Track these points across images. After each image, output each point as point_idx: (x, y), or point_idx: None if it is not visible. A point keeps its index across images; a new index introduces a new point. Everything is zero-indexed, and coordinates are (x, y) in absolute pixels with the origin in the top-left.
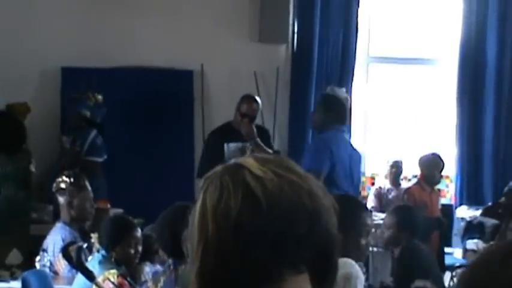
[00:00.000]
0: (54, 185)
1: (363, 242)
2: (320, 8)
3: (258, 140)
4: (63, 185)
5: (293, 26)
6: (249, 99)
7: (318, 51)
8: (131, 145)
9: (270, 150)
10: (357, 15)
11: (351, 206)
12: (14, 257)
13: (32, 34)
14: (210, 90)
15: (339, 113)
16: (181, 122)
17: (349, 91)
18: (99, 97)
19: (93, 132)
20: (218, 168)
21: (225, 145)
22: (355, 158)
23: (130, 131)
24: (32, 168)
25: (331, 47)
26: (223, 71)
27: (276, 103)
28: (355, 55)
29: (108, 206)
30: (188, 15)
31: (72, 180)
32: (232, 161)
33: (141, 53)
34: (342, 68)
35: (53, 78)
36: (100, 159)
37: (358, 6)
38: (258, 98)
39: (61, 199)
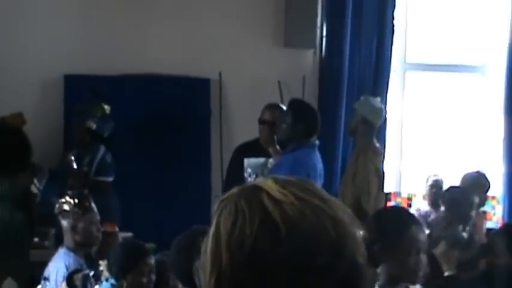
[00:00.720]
0: (57, 206)
1: (412, 260)
2: (352, 9)
3: (278, 147)
4: (66, 207)
5: (321, 29)
6: (270, 106)
7: (349, 57)
8: (140, 162)
9: None
10: (393, 17)
11: (396, 219)
12: (8, 285)
13: (30, 39)
14: (229, 101)
15: (310, 124)
16: (197, 136)
17: (383, 101)
18: (107, 108)
19: (102, 149)
20: (233, 190)
21: (245, 160)
22: (323, 173)
23: (139, 146)
24: (34, 189)
25: (364, 52)
26: (243, 79)
27: None
28: (390, 61)
29: (116, 229)
30: (205, 17)
31: (76, 201)
32: (250, 182)
33: (152, 59)
34: (375, 76)
35: (55, 87)
36: (111, 179)
37: (394, 7)
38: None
39: (64, 222)
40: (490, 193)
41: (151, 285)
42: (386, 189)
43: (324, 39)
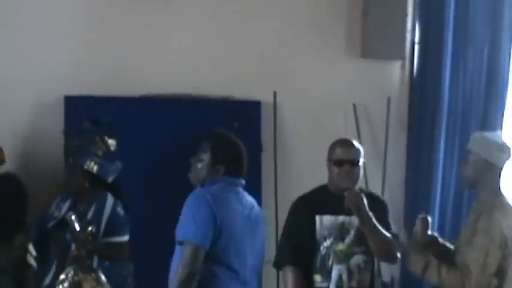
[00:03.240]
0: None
1: None
2: (454, 7)
3: (370, 214)
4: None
5: (412, 35)
6: (343, 142)
7: (451, 71)
8: (162, 212)
9: (387, 234)
10: None
11: None
12: None
13: (25, 54)
14: (286, 130)
15: (227, 162)
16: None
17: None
18: (111, 142)
19: (110, 199)
20: None
21: (317, 218)
22: (254, 220)
23: (161, 191)
24: (31, 259)
25: (471, 65)
26: (305, 102)
27: (385, 151)
28: (507, 78)
29: None
30: (252, 20)
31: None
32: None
33: (183, 77)
34: (486, 97)
35: (53, 110)
36: (125, 238)
37: None
38: (357, 144)
39: None
40: None
41: None
42: None
43: (416, 48)
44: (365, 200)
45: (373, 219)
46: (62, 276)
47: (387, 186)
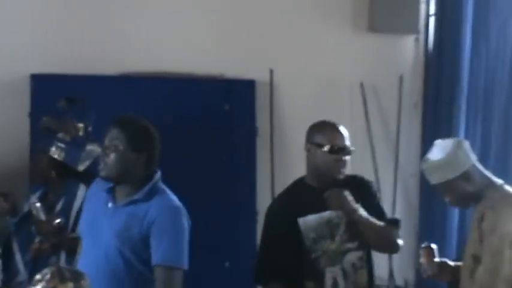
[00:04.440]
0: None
1: None
2: None
3: (359, 209)
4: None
5: (427, 6)
6: (337, 128)
7: (471, 46)
8: None
9: (379, 221)
10: None
11: None
12: None
13: None
14: (284, 112)
15: (149, 152)
16: (237, 160)
17: None
18: (80, 126)
19: (82, 190)
20: None
21: (300, 221)
22: None
23: None
24: None
25: (495, 38)
26: (306, 81)
27: (397, 137)
28: None
29: None
30: None
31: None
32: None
33: (169, 54)
34: None
35: (18, 89)
36: None
37: None
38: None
39: None
40: None
41: None
42: None
43: (432, 20)
44: (348, 195)
45: (361, 211)
46: (38, 277)
47: (400, 177)
